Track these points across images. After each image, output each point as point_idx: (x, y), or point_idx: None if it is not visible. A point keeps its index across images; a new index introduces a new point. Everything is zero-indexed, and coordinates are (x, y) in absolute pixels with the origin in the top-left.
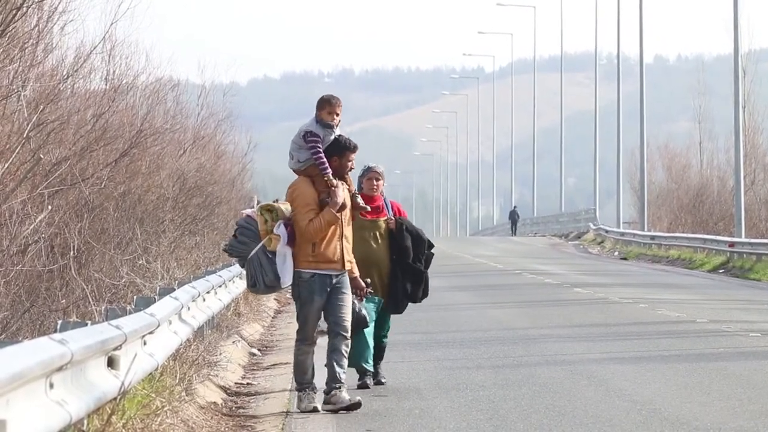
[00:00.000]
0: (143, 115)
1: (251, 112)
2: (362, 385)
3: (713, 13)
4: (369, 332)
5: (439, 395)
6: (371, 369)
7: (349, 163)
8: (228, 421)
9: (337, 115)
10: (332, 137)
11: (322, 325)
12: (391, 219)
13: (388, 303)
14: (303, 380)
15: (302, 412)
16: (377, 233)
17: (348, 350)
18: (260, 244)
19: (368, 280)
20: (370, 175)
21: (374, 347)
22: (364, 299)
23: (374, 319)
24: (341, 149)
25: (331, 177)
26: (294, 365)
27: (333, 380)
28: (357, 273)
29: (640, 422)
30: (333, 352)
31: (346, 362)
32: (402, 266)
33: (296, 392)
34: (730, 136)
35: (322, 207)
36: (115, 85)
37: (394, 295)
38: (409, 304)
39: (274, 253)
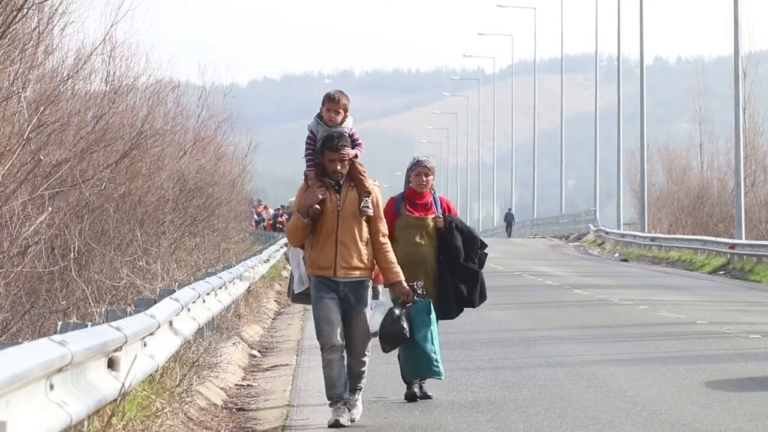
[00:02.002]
0: (143, 116)
1: (251, 114)
2: (410, 396)
3: (713, 14)
4: (424, 338)
5: (439, 396)
6: (440, 376)
7: (332, 163)
8: (228, 423)
9: (338, 112)
10: (326, 134)
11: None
12: (440, 217)
13: (437, 307)
14: (331, 394)
15: (329, 427)
16: (424, 232)
17: (366, 365)
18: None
19: (418, 283)
20: (418, 170)
21: None
22: (413, 305)
23: (430, 323)
24: (321, 147)
25: (312, 176)
26: (323, 378)
27: (351, 388)
28: (401, 278)
29: (640, 424)
30: (349, 369)
31: (364, 376)
32: (452, 267)
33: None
34: (731, 138)
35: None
36: (116, 87)
37: (443, 299)
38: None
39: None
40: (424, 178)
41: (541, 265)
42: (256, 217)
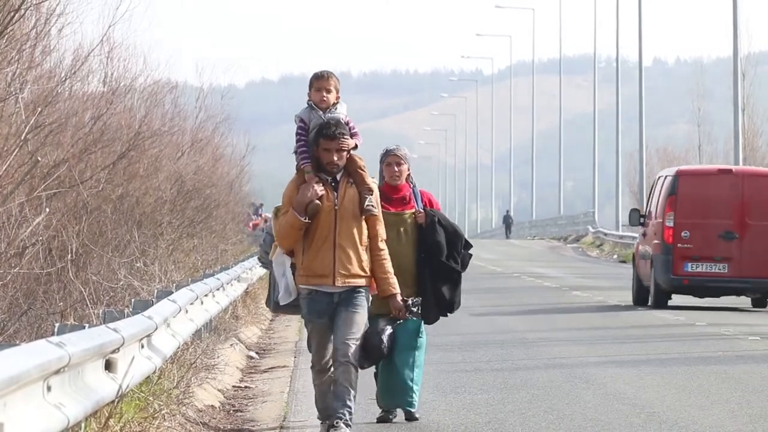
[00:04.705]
0: (141, 117)
1: (249, 115)
2: (382, 419)
3: (712, 16)
4: (404, 363)
5: (437, 398)
6: (412, 408)
7: (328, 153)
8: (226, 425)
9: (329, 92)
10: (319, 120)
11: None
12: (420, 212)
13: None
14: (322, 409)
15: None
16: (402, 230)
17: (353, 379)
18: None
19: (414, 300)
20: (388, 159)
21: None
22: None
23: (416, 348)
24: (315, 135)
25: (310, 170)
26: (315, 394)
27: (332, 415)
28: (397, 290)
29: (639, 426)
30: (333, 383)
31: (351, 394)
32: (433, 266)
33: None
34: (729, 139)
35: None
36: (113, 88)
37: (423, 302)
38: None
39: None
40: (396, 168)
41: (540, 267)
42: (254, 218)
